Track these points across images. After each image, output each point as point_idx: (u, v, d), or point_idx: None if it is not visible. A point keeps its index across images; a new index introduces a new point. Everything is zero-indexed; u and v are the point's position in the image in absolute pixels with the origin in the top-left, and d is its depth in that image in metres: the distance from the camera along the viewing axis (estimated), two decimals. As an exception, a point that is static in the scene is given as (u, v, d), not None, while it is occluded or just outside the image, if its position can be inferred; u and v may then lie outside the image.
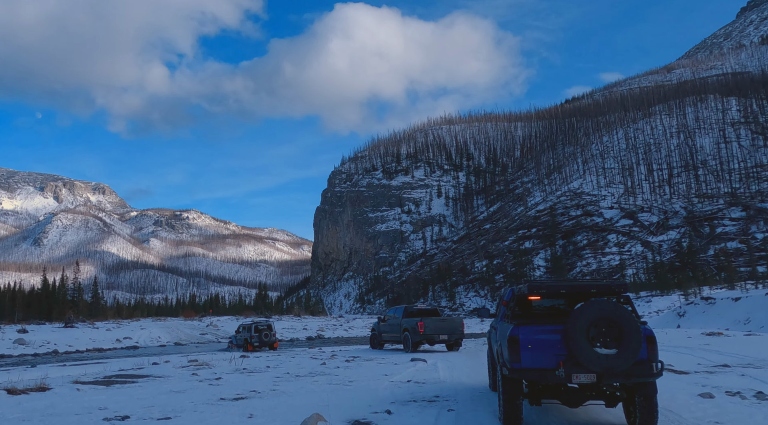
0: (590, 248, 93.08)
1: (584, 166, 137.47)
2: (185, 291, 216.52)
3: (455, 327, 19.11)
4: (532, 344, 6.37)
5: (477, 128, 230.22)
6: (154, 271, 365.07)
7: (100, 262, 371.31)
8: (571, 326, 6.14)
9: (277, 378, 11.85)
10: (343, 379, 11.43)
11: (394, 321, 20.37)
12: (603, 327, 6.11)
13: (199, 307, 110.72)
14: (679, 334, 29.57)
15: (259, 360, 17.26)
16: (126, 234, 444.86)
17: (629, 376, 6.14)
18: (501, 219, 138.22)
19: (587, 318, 6.12)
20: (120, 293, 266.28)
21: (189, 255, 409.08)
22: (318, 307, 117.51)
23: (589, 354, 6.04)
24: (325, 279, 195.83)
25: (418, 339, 18.45)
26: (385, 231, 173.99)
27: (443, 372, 12.41)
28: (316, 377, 11.93)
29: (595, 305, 6.20)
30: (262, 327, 28.55)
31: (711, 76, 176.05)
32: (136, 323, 46.48)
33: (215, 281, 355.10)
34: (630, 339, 6.04)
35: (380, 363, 14.64)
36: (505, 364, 6.56)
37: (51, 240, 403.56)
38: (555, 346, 6.33)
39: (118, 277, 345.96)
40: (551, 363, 6.28)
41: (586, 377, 6.16)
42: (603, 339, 6.09)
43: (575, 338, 6.09)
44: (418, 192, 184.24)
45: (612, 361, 6.02)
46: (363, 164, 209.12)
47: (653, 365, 6.21)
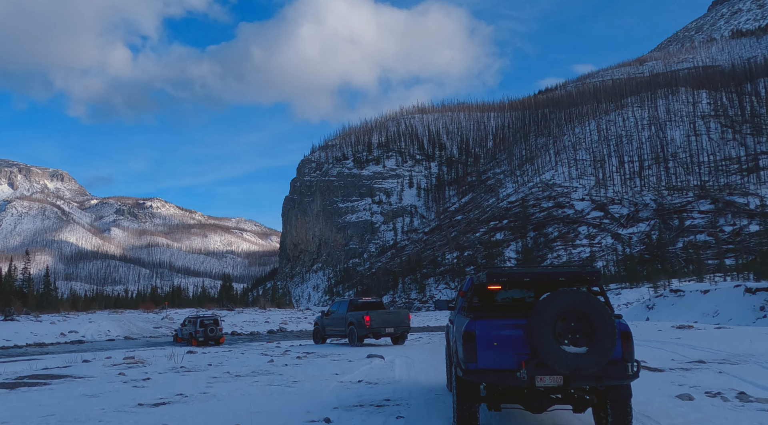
0: (561, 240, 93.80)
1: (556, 158, 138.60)
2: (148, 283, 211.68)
3: (401, 319, 19.00)
4: (490, 341, 5.64)
5: (450, 118, 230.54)
6: (115, 262, 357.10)
7: (58, 252, 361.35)
8: (534, 320, 5.41)
9: (213, 378, 10.76)
10: (287, 379, 10.41)
11: (338, 315, 20.06)
12: (572, 321, 5.42)
13: (160, 299, 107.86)
14: (650, 327, 29.42)
15: (203, 356, 16.12)
16: (86, 223, 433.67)
17: (601, 378, 5.43)
18: (473, 210, 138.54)
19: (553, 310, 5.41)
20: (79, 284, 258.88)
21: (152, 246, 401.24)
22: (284, 299, 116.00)
23: (555, 353, 5.33)
24: (293, 271, 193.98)
25: (364, 332, 18.25)
26: (356, 222, 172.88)
27: (400, 371, 11.51)
28: (258, 377, 10.89)
29: (563, 296, 5.47)
30: (207, 322, 27.80)
31: (682, 69, 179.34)
32: (85, 316, 44.62)
33: (180, 272, 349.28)
34: (603, 335, 5.34)
35: (334, 360, 13.67)
36: (460, 364, 5.83)
37: (5, 228, 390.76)
38: (517, 344, 5.61)
39: (77, 268, 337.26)
40: (512, 363, 5.56)
41: (552, 379, 5.46)
42: (572, 336, 5.41)
43: (539, 334, 5.36)
44: (390, 182, 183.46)
45: (582, 361, 5.31)
46: (333, 153, 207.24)
47: (629, 365, 5.51)
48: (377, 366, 12.33)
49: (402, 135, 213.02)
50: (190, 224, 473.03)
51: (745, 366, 11.17)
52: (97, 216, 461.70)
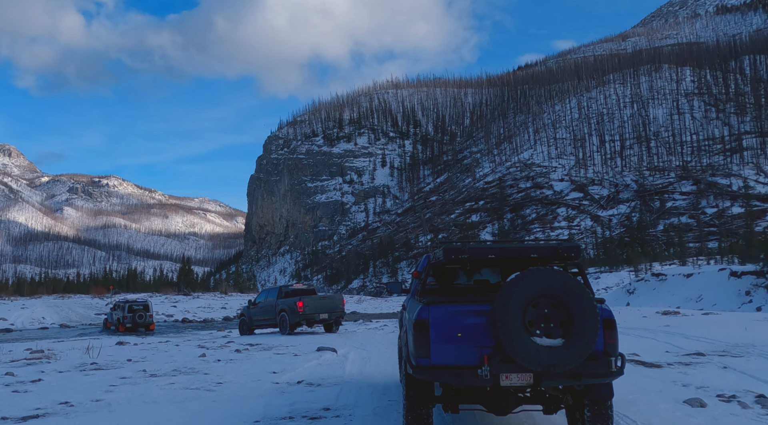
0: (539, 222, 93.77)
1: (535, 136, 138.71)
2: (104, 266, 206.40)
3: (335, 305, 18.88)
4: (446, 331, 4.83)
5: (425, 94, 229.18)
6: (69, 244, 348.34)
7: (5, 233, 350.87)
8: (500, 306, 4.62)
9: (121, 379, 9.17)
10: (211, 381, 8.89)
11: (267, 303, 19.71)
12: (545, 307, 4.67)
13: (114, 283, 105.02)
14: (633, 313, 28.68)
15: (128, 349, 14.47)
16: (36, 202, 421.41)
17: (579, 376, 4.70)
18: (448, 191, 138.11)
19: (523, 294, 4.64)
20: (28, 267, 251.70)
21: (108, 227, 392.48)
22: (248, 284, 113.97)
23: (524, 346, 4.55)
24: (259, 254, 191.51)
25: (296, 319, 17.97)
26: (325, 203, 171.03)
27: (352, 367, 10.10)
28: (178, 377, 9.33)
29: (535, 276, 4.69)
30: (137, 307, 27.50)
31: (666, 46, 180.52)
32: (18, 302, 42.28)
33: (138, 255, 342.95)
34: (583, 324, 4.58)
35: (278, 354, 12.18)
36: (410, 359, 5.04)
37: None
38: (479, 335, 4.81)
39: (26, 250, 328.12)
40: (472, 358, 4.78)
41: (520, 378, 4.73)
42: (545, 325, 4.66)
43: (506, 323, 4.58)
44: (361, 160, 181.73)
45: (556, 356, 4.55)
46: (302, 129, 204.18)
47: (611, 360, 4.75)
48: (326, 361, 10.89)
49: (375, 111, 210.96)
50: (149, 204, 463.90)
51: (751, 360, 10.07)
52: (48, 194, 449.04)
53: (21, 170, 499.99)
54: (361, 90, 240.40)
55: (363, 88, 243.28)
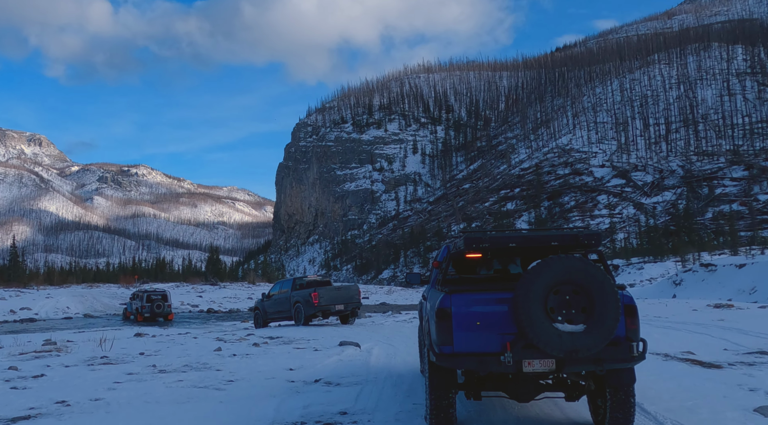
0: (578, 210, 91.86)
1: (574, 120, 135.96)
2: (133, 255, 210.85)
3: (351, 295, 18.93)
4: (468, 319, 5.08)
5: (458, 77, 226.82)
6: (99, 233, 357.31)
7: (37, 222, 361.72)
8: (522, 293, 4.85)
9: (128, 375, 8.80)
10: (222, 378, 8.44)
11: (281, 296, 19.69)
12: (567, 294, 4.89)
13: (143, 272, 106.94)
14: (681, 306, 27.50)
15: (143, 341, 14.21)
16: (66, 192, 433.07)
17: (600, 362, 4.90)
18: (482, 178, 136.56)
19: (545, 281, 4.87)
20: (59, 257, 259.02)
21: (138, 216, 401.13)
22: (276, 274, 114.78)
23: (546, 332, 4.78)
24: (288, 243, 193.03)
25: (312, 311, 18.02)
26: (355, 191, 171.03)
27: (375, 364, 9.55)
28: (188, 373, 8.92)
29: (557, 263, 4.91)
30: (155, 297, 27.87)
31: (715, 23, 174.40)
32: (43, 291, 43.04)
33: (167, 244, 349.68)
34: (604, 310, 4.80)
35: (297, 349, 11.71)
36: (433, 347, 5.29)
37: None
38: (500, 322, 5.05)
39: (57, 239, 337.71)
40: (494, 345, 5.01)
41: (542, 364, 4.95)
42: (566, 311, 4.87)
43: (528, 310, 4.81)
44: (392, 147, 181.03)
45: (578, 341, 4.77)
46: (331, 116, 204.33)
47: (633, 345, 4.95)
48: (348, 357, 10.35)
49: (406, 96, 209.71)
50: (178, 193, 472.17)
51: (824, 360, 9.18)
52: (78, 184, 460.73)
53: (51, 159, 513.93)
54: (391, 75, 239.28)
55: (393, 72, 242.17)
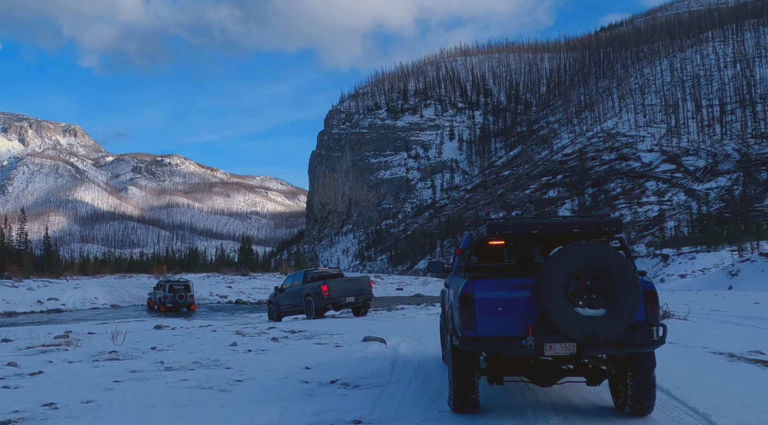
0: (625, 197, 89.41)
1: (620, 103, 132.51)
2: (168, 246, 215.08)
3: (362, 287, 19.12)
4: (491, 304, 5.37)
5: (497, 60, 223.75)
6: (134, 223, 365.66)
7: (73, 213, 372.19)
8: (544, 278, 5.15)
9: (131, 373, 8.33)
10: (231, 377, 7.88)
11: (293, 289, 19.89)
12: (588, 279, 5.17)
13: (175, 263, 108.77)
14: (740, 298, 26.10)
15: (160, 334, 13.85)
16: (101, 182, 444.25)
17: (621, 345, 5.18)
18: (522, 164, 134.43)
19: (566, 267, 5.15)
20: (95, 247, 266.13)
21: (172, 206, 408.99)
22: (309, 264, 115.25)
23: (567, 316, 5.07)
24: (321, 233, 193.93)
25: (322, 303, 18.18)
26: (389, 179, 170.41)
27: (402, 362, 8.89)
28: (195, 371, 8.40)
29: (578, 250, 5.21)
30: (177, 287, 28.31)
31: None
32: (72, 281, 43.75)
33: (201, 234, 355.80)
34: (624, 295, 5.07)
35: (317, 344, 11.11)
36: (456, 331, 5.61)
37: (17, 187, 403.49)
38: (522, 307, 5.36)
39: (93, 229, 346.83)
40: (517, 329, 5.32)
41: (563, 347, 5.22)
42: (587, 296, 5.15)
43: (549, 295, 5.10)
44: (428, 134, 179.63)
45: (599, 326, 5.06)
46: (365, 102, 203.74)
47: (653, 330, 5.22)
48: (372, 354, 9.68)
49: (442, 80, 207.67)
50: (211, 183, 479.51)
51: None
52: (113, 174, 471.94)
53: (86, 150, 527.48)
54: (426, 59, 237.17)
55: (429, 56, 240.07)
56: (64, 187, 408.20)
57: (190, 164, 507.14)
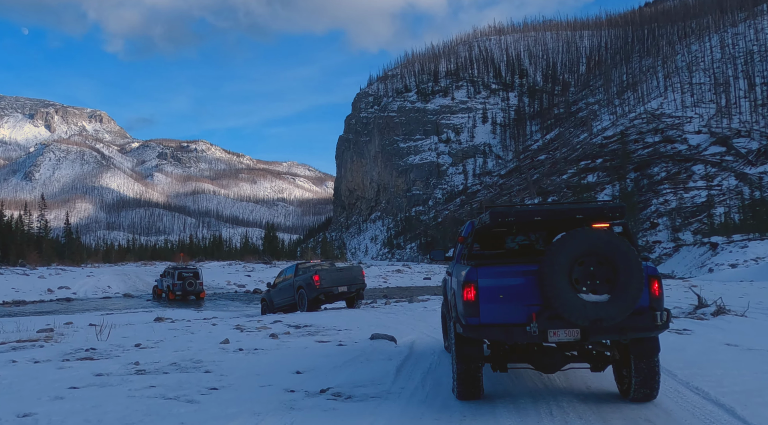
0: (670, 182, 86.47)
1: (666, 82, 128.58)
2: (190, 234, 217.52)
3: (354, 277, 19.21)
4: (494, 291, 5.54)
5: (533, 39, 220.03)
6: (159, 210, 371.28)
7: (99, 199, 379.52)
8: (547, 265, 5.30)
9: (96, 377, 7.48)
10: (206, 384, 6.96)
11: (285, 283, 19.86)
12: (591, 265, 5.32)
13: (199, 250, 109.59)
14: (800, 293, 24.42)
15: (153, 328, 13.06)
16: (127, 168, 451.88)
17: (624, 331, 5.34)
18: (559, 148, 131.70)
19: (570, 253, 5.31)
20: (121, 234, 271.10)
21: (198, 192, 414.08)
22: (335, 252, 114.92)
23: (571, 302, 5.22)
24: (349, 221, 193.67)
25: (314, 294, 18.21)
26: (419, 164, 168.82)
27: (410, 367, 7.87)
28: (168, 376, 7.50)
29: (581, 235, 5.38)
30: (186, 275, 28.35)
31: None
32: (86, 269, 43.78)
33: (227, 221, 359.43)
34: (628, 280, 5.22)
35: (319, 342, 10.15)
36: (459, 319, 5.78)
37: (44, 174, 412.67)
38: (526, 293, 5.52)
39: (119, 216, 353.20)
40: (520, 316, 5.48)
41: (567, 333, 5.38)
42: (591, 282, 5.31)
43: (553, 281, 5.26)
44: (459, 117, 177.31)
45: (603, 311, 5.20)
46: (394, 84, 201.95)
47: (657, 315, 5.37)
48: (378, 355, 8.66)
49: (475, 61, 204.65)
50: (238, 169, 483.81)
51: None
52: (138, 160, 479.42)
53: (112, 136, 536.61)
54: (459, 38, 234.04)
55: (461, 36, 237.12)
56: (90, 173, 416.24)
57: (216, 150, 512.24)
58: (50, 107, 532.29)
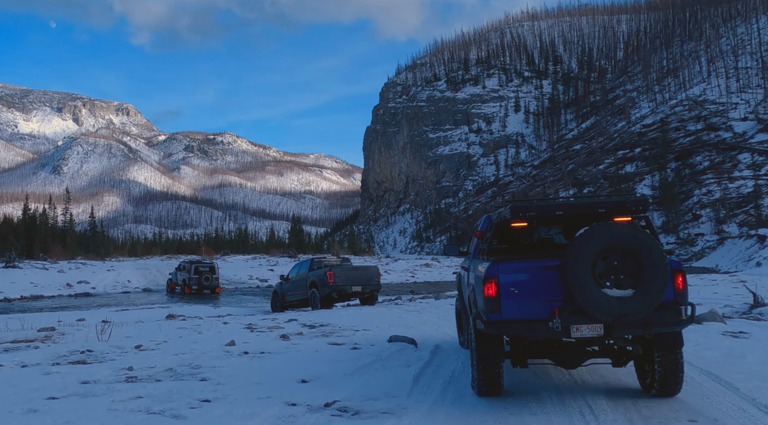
0: (713, 171, 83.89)
1: (709, 67, 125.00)
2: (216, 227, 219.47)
3: (370, 276, 19.05)
4: (516, 286, 5.56)
5: (568, 24, 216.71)
6: (186, 203, 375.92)
7: (126, 193, 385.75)
8: (570, 259, 5.31)
9: (81, 384, 6.93)
10: (199, 395, 6.35)
11: (299, 277, 19.66)
12: (615, 259, 5.34)
13: (224, 244, 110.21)
14: None
15: (161, 327, 12.55)
16: (154, 162, 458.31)
17: (649, 325, 5.34)
18: (595, 137, 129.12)
19: (593, 247, 5.29)
20: (148, 227, 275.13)
21: (224, 185, 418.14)
22: (362, 246, 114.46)
23: (595, 296, 5.21)
24: (377, 213, 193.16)
25: (327, 291, 17.97)
26: (449, 155, 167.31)
27: (432, 374, 7.18)
28: (162, 383, 6.92)
29: (605, 229, 5.37)
30: (203, 269, 28.62)
31: None
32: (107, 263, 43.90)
33: (254, 215, 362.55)
34: (652, 275, 5.21)
35: (333, 345, 9.48)
36: (480, 315, 5.80)
37: (72, 168, 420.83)
38: (548, 289, 5.54)
39: (146, 210, 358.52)
40: (542, 311, 5.50)
41: (590, 329, 5.41)
42: (614, 277, 5.32)
43: (576, 276, 5.26)
44: (491, 106, 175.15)
45: (627, 306, 5.21)
46: (422, 73, 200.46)
47: (681, 309, 5.39)
48: (395, 361, 7.96)
49: (507, 47, 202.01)
50: (264, 161, 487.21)
51: None
52: (165, 153, 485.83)
53: (139, 129, 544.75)
54: (490, 25, 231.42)
55: (493, 22, 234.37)
56: (117, 166, 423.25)
57: (243, 142, 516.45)
58: (78, 101, 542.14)
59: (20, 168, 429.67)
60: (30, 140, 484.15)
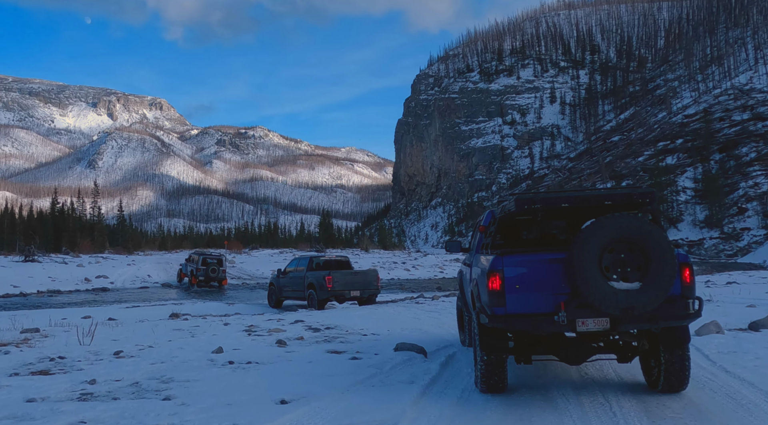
0: (760, 163, 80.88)
1: (756, 54, 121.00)
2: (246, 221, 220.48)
3: (369, 282, 18.97)
4: (520, 280, 5.54)
5: (606, 12, 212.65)
6: (218, 197, 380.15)
7: (160, 187, 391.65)
8: (576, 252, 5.26)
9: (25, 403, 5.98)
10: (157, 417, 5.34)
11: (296, 274, 19.52)
12: (622, 252, 5.27)
13: (253, 238, 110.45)
14: None
15: (152, 328, 11.67)
16: (186, 156, 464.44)
17: (656, 319, 5.31)
18: (634, 128, 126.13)
19: (600, 240, 5.25)
20: (181, 221, 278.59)
21: (256, 179, 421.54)
22: (393, 240, 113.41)
23: (602, 290, 5.17)
24: (408, 207, 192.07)
25: (325, 296, 17.98)
26: (482, 148, 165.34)
27: (438, 392, 6.13)
28: (118, 402, 5.95)
29: (611, 221, 5.30)
30: (211, 261, 28.88)
31: None
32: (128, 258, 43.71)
33: (285, 209, 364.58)
34: (660, 268, 5.16)
35: (332, 353, 8.40)
36: (484, 309, 5.79)
37: (106, 162, 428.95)
38: (553, 282, 5.50)
39: (179, 204, 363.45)
40: (547, 305, 5.47)
41: (596, 322, 5.36)
42: (621, 270, 5.26)
43: (583, 268, 5.21)
44: (525, 97, 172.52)
45: (634, 299, 5.16)
46: (455, 64, 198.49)
47: (689, 303, 5.38)
48: (398, 376, 6.86)
49: (542, 37, 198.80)
50: (295, 155, 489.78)
51: None
52: (197, 147, 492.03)
53: (172, 123, 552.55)
54: (525, 14, 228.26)
55: (528, 11, 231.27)
56: (150, 161, 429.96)
57: (274, 136, 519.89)
58: (112, 96, 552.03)
59: (57, 162, 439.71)
60: (66, 135, 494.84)
